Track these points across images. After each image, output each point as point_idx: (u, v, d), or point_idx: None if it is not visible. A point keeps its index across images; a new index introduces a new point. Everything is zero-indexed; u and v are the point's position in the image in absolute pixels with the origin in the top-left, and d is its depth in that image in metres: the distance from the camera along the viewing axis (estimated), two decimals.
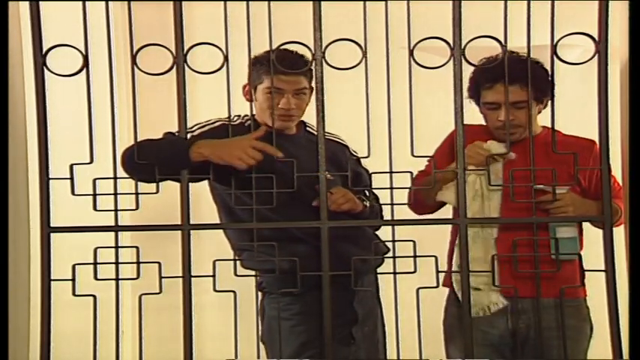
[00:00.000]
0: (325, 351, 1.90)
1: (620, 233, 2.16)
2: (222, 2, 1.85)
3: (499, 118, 2.20)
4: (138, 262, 1.93)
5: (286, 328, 2.18)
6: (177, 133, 1.98)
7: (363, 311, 2.32)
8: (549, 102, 2.07)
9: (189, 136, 2.09)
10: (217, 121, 2.21)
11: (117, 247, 1.93)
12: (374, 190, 2.35)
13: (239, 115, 2.24)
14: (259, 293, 2.29)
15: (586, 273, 2.19)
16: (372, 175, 2.10)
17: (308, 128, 2.36)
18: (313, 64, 1.88)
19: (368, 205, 2.30)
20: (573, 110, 2.65)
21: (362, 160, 2.25)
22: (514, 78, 2.04)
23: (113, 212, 1.91)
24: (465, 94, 2.20)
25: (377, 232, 2.31)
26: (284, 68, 1.98)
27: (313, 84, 1.99)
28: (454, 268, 2.25)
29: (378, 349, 2.38)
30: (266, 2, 1.84)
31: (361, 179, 2.30)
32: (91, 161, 1.90)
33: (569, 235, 2.18)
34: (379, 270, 2.25)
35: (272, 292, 2.25)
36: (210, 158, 1.94)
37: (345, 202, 2.19)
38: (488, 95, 2.21)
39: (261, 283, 2.27)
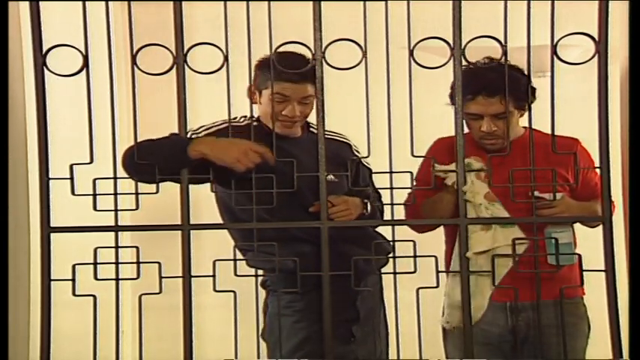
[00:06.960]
0: (324, 348, 1.89)
1: (620, 233, 2.16)
2: (222, 2, 1.85)
3: (482, 128, 2.23)
4: (138, 262, 1.93)
5: (288, 324, 2.18)
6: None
7: (365, 310, 2.32)
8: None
9: (194, 137, 2.08)
10: (223, 123, 2.17)
11: (117, 247, 1.93)
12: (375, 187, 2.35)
13: (245, 116, 2.21)
14: (263, 292, 2.29)
15: (585, 273, 2.19)
16: (372, 175, 2.10)
17: (311, 129, 2.34)
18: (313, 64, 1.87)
19: (369, 209, 2.29)
20: (573, 110, 2.65)
21: (362, 159, 2.25)
22: (495, 89, 2.11)
23: (113, 212, 1.91)
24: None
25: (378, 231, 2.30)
26: (292, 74, 1.97)
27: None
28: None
29: (378, 348, 2.38)
30: (266, 2, 1.84)
31: (364, 178, 2.30)
32: (91, 161, 1.90)
33: (565, 240, 2.19)
34: (382, 270, 2.25)
35: (276, 290, 2.25)
36: (208, 157, 1.93)
37: (346, 213, 2.17)
38: (470, 106, 2.20)
39: (266, 281, 2.27)
